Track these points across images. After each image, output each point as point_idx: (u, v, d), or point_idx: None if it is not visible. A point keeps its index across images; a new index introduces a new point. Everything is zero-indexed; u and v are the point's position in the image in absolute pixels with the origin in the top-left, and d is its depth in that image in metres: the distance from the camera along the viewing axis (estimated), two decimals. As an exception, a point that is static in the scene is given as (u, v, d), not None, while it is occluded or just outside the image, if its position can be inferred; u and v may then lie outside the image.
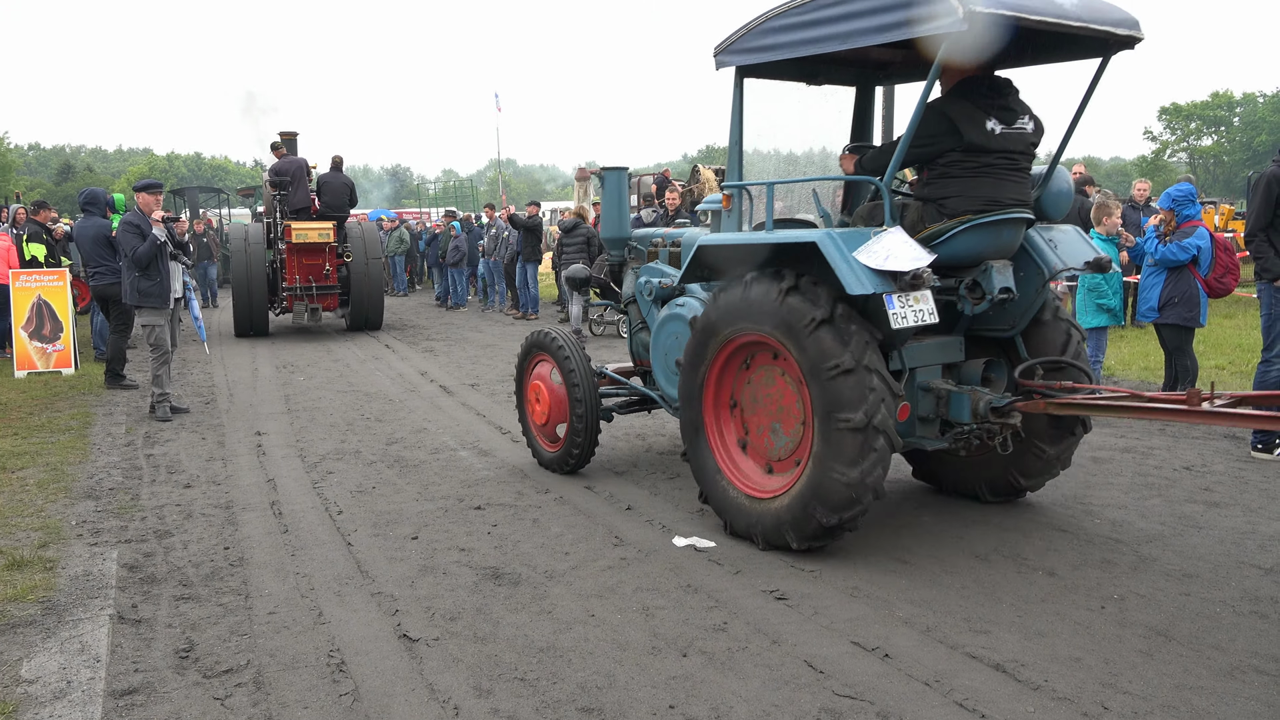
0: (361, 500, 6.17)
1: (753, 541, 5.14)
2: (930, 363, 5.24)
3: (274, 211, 15.32)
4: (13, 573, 4.88)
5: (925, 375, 5.24)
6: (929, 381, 5.22)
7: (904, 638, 4.04)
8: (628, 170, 6.70)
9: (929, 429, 5.26)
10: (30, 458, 7.27)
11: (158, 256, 8.59)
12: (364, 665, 3.88)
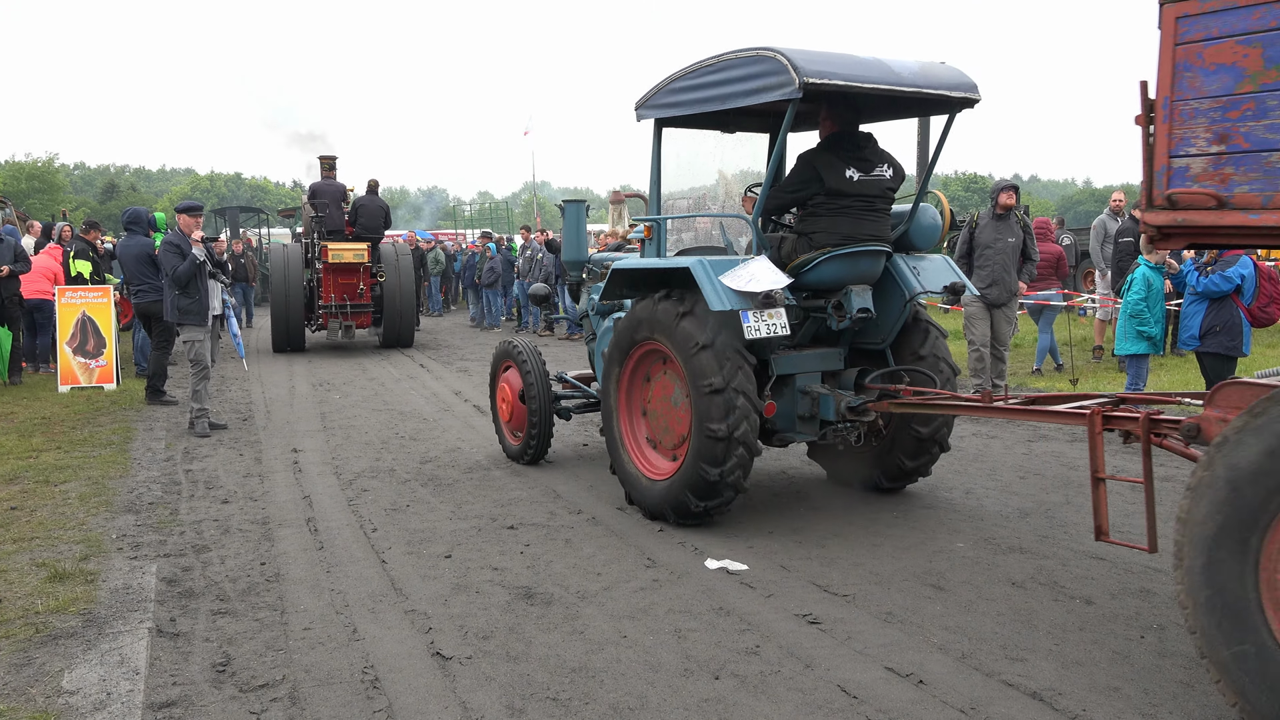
0: (395, 518, 6.21)
1: (641, 511, 6.14)
2: (811, 370, 6.16)
3: (311, 232, 15.84)
4: (55, 585, 4.96)
5: (805, 380, 6.13)
6: (807, 386, 6.10)
7: (939, 664, 4.01)
8: (585, 204, 7.85)
9: (809, 426, 6.11)
10: (73, 471, 7.40)
11: (197, 275, 8.75)
12: (397, 682, 3.90)
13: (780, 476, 7.16)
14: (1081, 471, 7.20)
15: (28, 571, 5.17)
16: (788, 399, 6.09)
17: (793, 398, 6.08)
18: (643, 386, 6.30)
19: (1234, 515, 3.19)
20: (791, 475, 7.22)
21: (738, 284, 5.47)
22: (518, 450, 7.69)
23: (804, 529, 5.89)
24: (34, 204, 58.02)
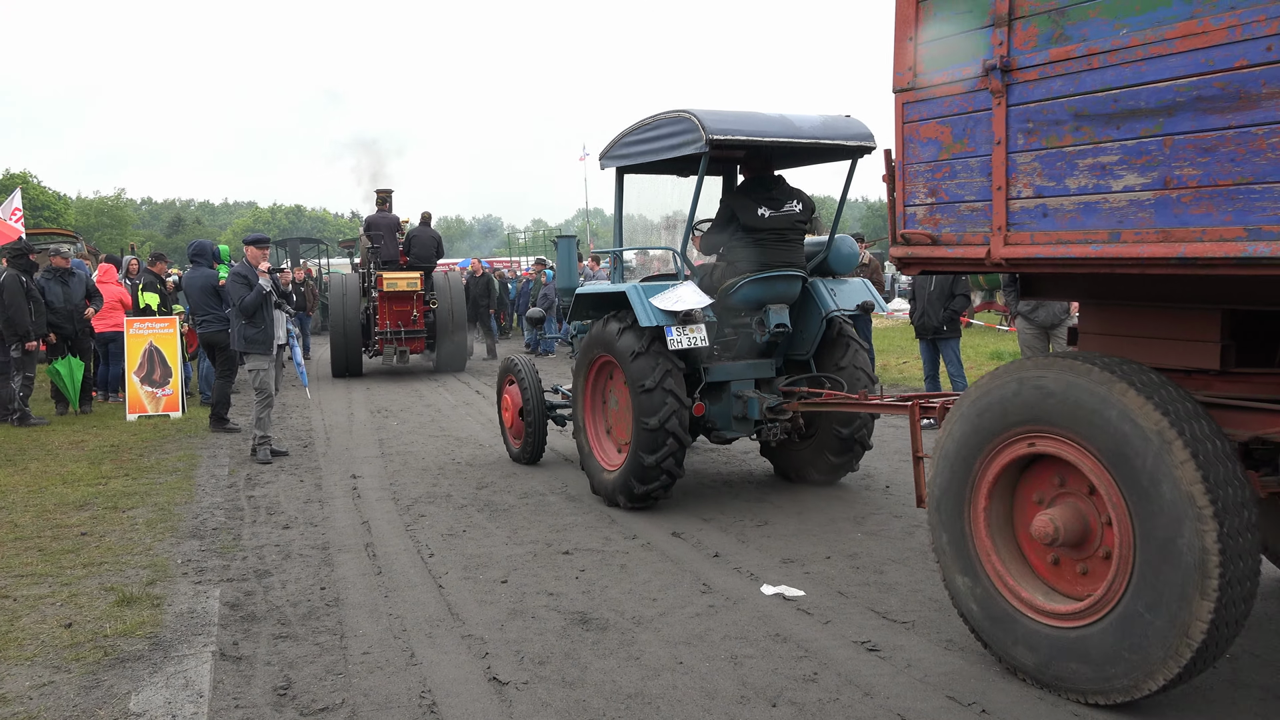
0: (452, 543, 6.26)
1: (601, 498, 7.19)
2: (744, 377, 7.22)
3: (368, 262, 16.40)
4: (123, 609, 5.08)
5: (739, 386, 7.17)
6: (739, 391, 7.15)
7: (1002, 694, 3.92)
8: (576, 239, 8.85)
9: (743, 425, 7.18)
10: (140, 498, 7.58)
11: (263, 305, 8.95)
12: (455, 707, 3.92)
13: (836, 501, 7.10)
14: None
15: (97, 595, 5.30)
16: (724, 402, 7.17)
17: (728, 401, 7.16)
18: (603, 393, 7.41)
19: (952, 478, 4.25)
20: (848, 501, 7.14)
21: (665, 304, 6.53)
22: (517, 452, 8.83)
23: (861, 555, 5.82)
24: (103, 238, 59.88)
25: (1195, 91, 3.31)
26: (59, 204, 58.84)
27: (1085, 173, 3.68)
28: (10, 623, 4.89)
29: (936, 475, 4.32)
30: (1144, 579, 3.54)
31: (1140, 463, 3.50)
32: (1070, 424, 3.74)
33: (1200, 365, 3.90)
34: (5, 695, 4.06)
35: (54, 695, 4.06)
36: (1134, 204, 3.52)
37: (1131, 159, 3.52)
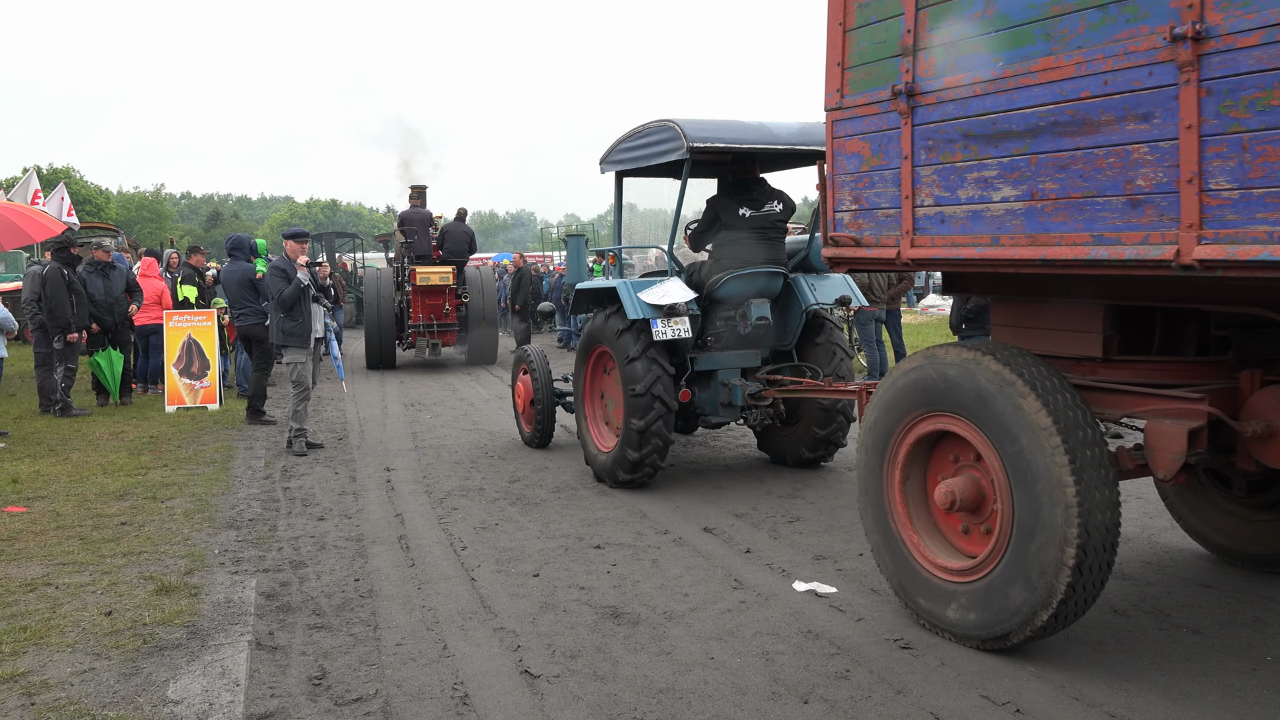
0: (485, 536, 6.30)
1: (593, 475, 7.83)
2: (730, 366, 7.72)
3: (401, 257, 16.72)
4: (161, 597, 5.15)
5: (725, 375, 7.70)
6: (726, 379, 7.67)
7: (1036, 693, 3.89)
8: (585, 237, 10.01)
9: (729, 411, 7.72)
10: (178, 488, 7.69)
11: (301, 299, 9.04)
12: (487, 699, 3.95)
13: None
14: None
15: (136, 584, 5.38)
16: (712, 390, 7.72)
17: (715, 388, 7.71)
18: (601, 381, 7.95)
19: (874, 450, 4.80)
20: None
21: (652, 298, 7.10)
22: (529, 436, 9.38)
23: (894, 552, 5.78)
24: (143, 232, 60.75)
25: (1052, 117, 3.85)
26: (100, 198, 59.77)
27: (972, 185, 4.21)
28: (52, 610, 4.98)
29: (861, 447, 4.90)
30: (1020, 539, 4.04)
31: (1016, 438, 4.01)
32: (964, 406, 4.27)
33: (1086, 353, 4.42)
34: (47, 681, 4.14)
35: (94, 682, 4.13)
36: (1009, 213, 4.07)
37: (1006, 174, 4.05)
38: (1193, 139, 3.38)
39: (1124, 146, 3.62)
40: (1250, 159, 3.25)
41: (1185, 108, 3.39)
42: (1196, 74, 3.34)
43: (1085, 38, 3.69)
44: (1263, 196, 3.23)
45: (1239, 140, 3.27)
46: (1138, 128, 3.56)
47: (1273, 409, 4.00)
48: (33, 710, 3.88)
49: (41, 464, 8.58)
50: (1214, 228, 3.37)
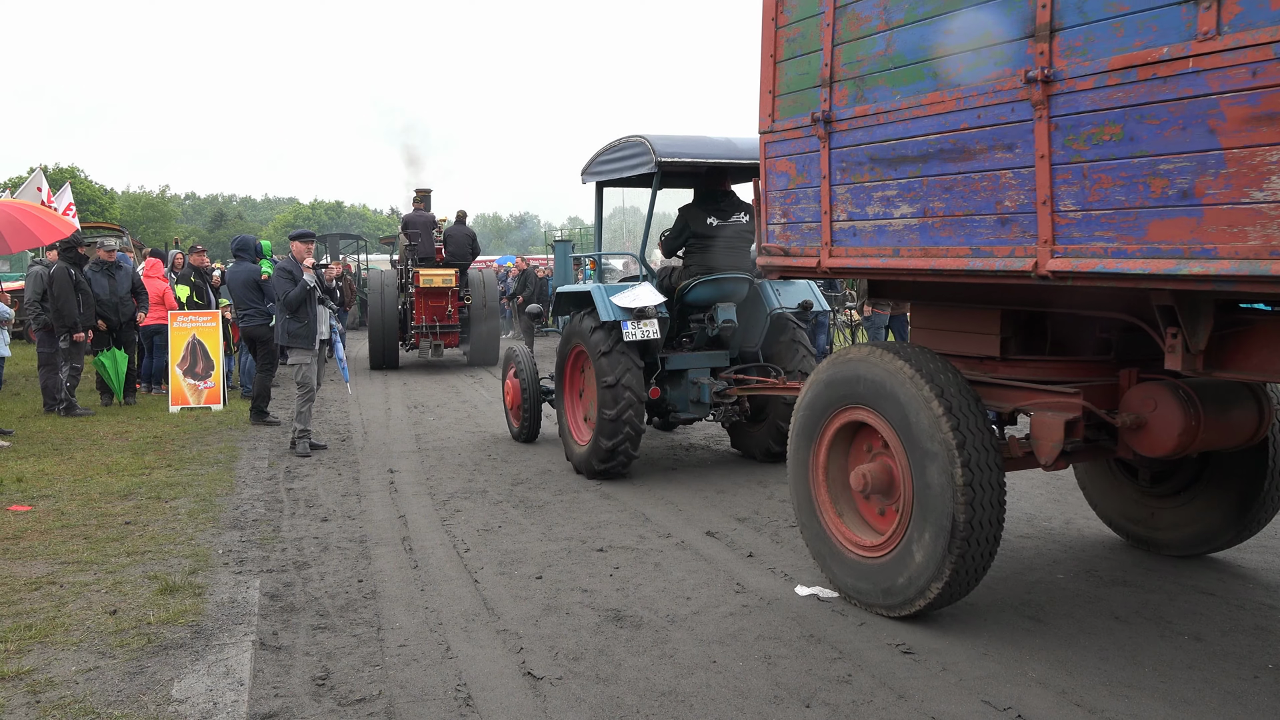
0: (488, 539, 6.31)
1: (572, 469, 8.27)
2: (700, 366, 8.21)
3: (405, 259, 17.02)
4: (166, 597, 5.17)
5: (695, 374, 8.17)
6: (696, 378, 8.16)
7: (1038, 699, 3.90)
8: (572, 243, 10.03)
9: (699, 408, 8.22)
10: (182, 488, 7.71)
11: (307, 300, 9.05)
12: (490, 701, 3.96)
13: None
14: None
15: (140, 584, 5.40)
16: (683, 388, 8.21)
17: (686, 387, 8.20)
18: (579, 378, 8.40)
19: (802, 437, 5.27)
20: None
21: (623, 302, 7.54)
22: (517, 431, 9.82)
23: (896, 557, 5.79)
24: (147, 232, 60.85)
25: (939, 145, 4.32)
26: (105, 198, 59.85)
27: (877, 203, 4.72)
28: (57, 609, 5.00)
29: (792, 433, 5.36)
30: (918, 518, 4.51)
31: (916, 427, 4.47)
32: (872, 399, 4.76)
33: (987, 353, 4.91)
34: (53, 679, 4.15)
35: (99, 680, 4.15)
36: (907, 228, 4.57)
37: (904, 194, 4.56)
38: (1045, 167, 3.88)
39: (994, 172, 4.13)
40: (1089, 185, 3.75)
41: (1039, 140, 3.89)
42: (1047, 111, 3.85)
43: (963, 76, 4.19)
44: (1099, 217, 3.73)
45: (1080, 169, 3.77)
46: (1004, 156, 4.07)
47: (1143, 403, 4.48)
48: (37, 708, 3.89)
49: (46, 463, 8.61)
50: (1064, 244, 3.87)
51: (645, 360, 7.79)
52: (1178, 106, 3.43)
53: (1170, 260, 3.50)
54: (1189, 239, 3.44)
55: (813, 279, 7.40)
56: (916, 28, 4.40)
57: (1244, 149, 3.25)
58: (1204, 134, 3.36)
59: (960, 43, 4.18)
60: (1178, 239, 3.48)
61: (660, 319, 7.68)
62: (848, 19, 4.78)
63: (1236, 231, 3.31)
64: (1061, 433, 4.40)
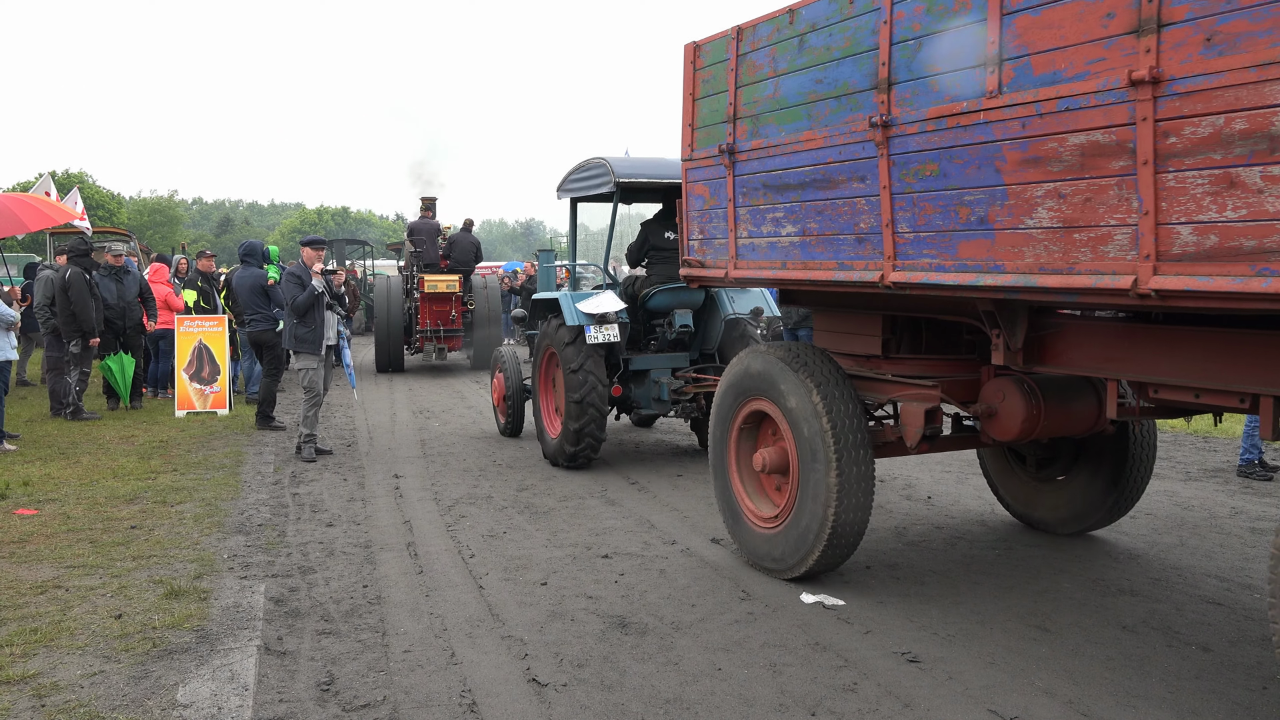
0: (493, 544, 6.31)
1: (546, 461, 8.97)
2: (662, 366, 8.89)
3: (410, 265, 17.59)
4: (171, 601, 5.17)
5: (656, 374, 8.86)
6: (657, 377, 8.85)
7: (1045, 709, 3.88)
8: (554, 252, 10.99)
9: (661, 405, 8.88)
10: (188, 493, 7.71)
11: (314, 306, 9.06)
12: (494, 707, 3.95)
13: (877, 511, 7.05)
14: (1197, 512, 6.90)
15: (146, 588, 5.40)
16: (646, 386, 8.92)
17: (648, 385, 8.89)
18: (552, 377, 9.07)
19: (717, 425, 6.05)
20: (889, 511, 7.09)
21: (587, 308, 8.25)
22: (503, 426, 10.52)
23: (902, 565, 5.78)
24: (154, 237, 61.00)
25: (813, 175, 5.06)
26: (113, 203, 60.00)
27: (769, 223, 5.49)
28: (63, 612, 5.00)
29: (711, 421, 6.12)
30: (802, 494, 5.23)
31: (800, 415, 5.20)
32: (768, 391, 5.50)
33: (871, 352, 5.66)
34: (58, 683, 4.15)
35: (104, 684, 4.15)
36: (791, 244, 5.32)
37: (789, 215, 5.31)
38: (887, 196, 4.59)
39: (852, 199, 4.83)
40: (918, 211, 4.45)
41: (882, 174, 4.60)
42: (887, 150, 4.55)
43: (829, 119, 4.89)
44: (925, 238, 4.44)
45: (911, 198, 4.47)
46: (859, 186, 4.78)
47: (994, 395, 5.20)
48: (43, 712, 3.89)
49: (52, 467, 8.62)
50: (902, 259, 4.58)
51: (610, 361, 8.59)
52: (974, 150, 4.11)
53: (973, 274, 4.20)
54: (986, 256, 4.15)
55: (722, 287, 7.95)
56: (796, 76, 5.14)
57: (1019, 185, 3.95)
58: (992, 172, 4.05)
59: (827, 90, 4.92)
60: (978, 256, 4.18)
61: (621, 324, 8.37)
62: (746, 66, 5.55)
63: (1016, 251, 4.01)
64: (922, 420, 5.06)
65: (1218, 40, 3.22)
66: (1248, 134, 3.16)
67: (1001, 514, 6.90)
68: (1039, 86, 3.80)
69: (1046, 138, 3.81)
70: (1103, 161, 3.61)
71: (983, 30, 4.01)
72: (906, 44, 4.42)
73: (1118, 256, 3.61)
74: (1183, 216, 3.38)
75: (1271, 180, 3.12)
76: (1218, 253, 3.29)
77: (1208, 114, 3.26)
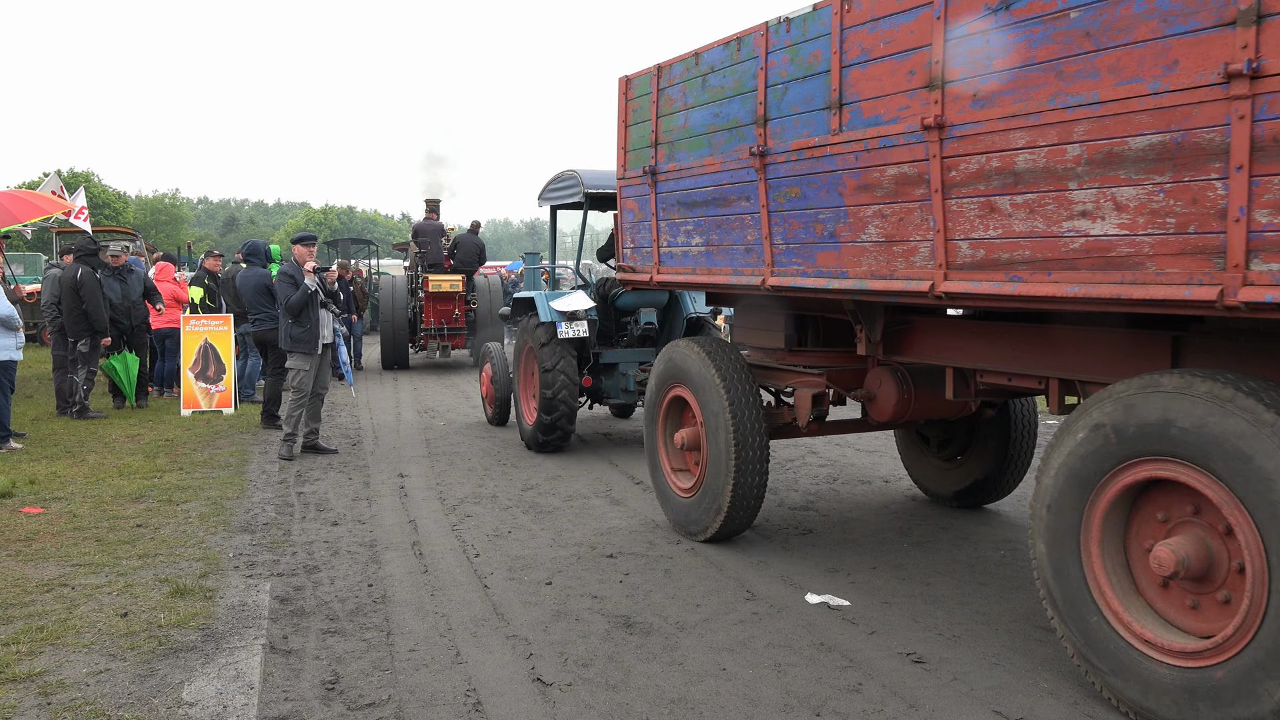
0: (498, 544, 6.31)
1: (527, 446, 9.71)
2: (630, 360, 9.66)
3: (415, 265, 18.00)
4: (176, 600, 5.18)
5: (624, 367, 9.64)
6: (624, 370, 9.61)
7: (1050, 709, 3.87)
8: (540, 254, 12.13)
9: (629, 395, 9.66)
10: (194, 492, 7.73)
11: (309, 304, 9.04)
12: (499, 706, 3.95)
13: (882, 511, 7.04)
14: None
15: (152, 586, 5.41)
16: (615, 379, 9.71)
17: (617, 378, 9.68)
18: (530, 370, 9.80)
19: (649, 409, 6.86)
20: (894, 510, 7.09)
21: (560, 306, 9.09)
22: (490, 415, 11.27)
23: (907, 565, 5.77)
24: (160, 236, 61.12)
25: (713, 195, 5.92)
26: (119, 202, 60.13)
27: (683, 235, 6.37)
28: (69, 611, 5.01)
29: (644, 406, 6.94)
30: (710, 468, 6.01)
31: (705, 400, 6.05)
32: (683, 378, 6.33)
33: (776, 346, 6.54)
34: (64, 681, 4.17)
35: (110, 683, 4.16)
36: (700, 253, 6.20)
37: (697, 229, 6.19)
38: (765, 214, 5.44)
39: (741, 215, 5.68)
40: (787, 227, 5.31)
41: (761, 195, 5.43)
42: (764, 175, 5.38)
43: (724, 148, 5.75)
44: (793, 249, 5.32)
45: (782, 216, 5.33)
46: (745, 204, 5.62)
47: (873, 382, 6.00)
48: (49, 710, 3.90)
49: (58, 465, 8.65)
50: (777, 267, 5.46)
51: (582, 354, 9.41)
52: (824, 177, 4.95)
53: (826, 279, 5.07)
54: (835, 264, 5.00)
55: (647, 289, 8.39)
56: (700, 109, 5.99)
57: (856, 206, 4.78)
58: (837, 196, 4.89)
59: (722, 123, 5.76)
60: (830, 264, 5.04)
61: (590, 321, 9.24)
62: (665, 99, 6.42)
63: (856, 260, 4.85)
64: (810, 403, 5.88)
65: (980, 96, 4.04)
66: (1000, 170, 3.98)
67: (1007, 515, 6.88)
68: (866, 127, 4.64)
69: (872, 168, 4.62)
70: (909, 189, 4.44)
71: (828, 79, 4.87)
72: (777, 87, 5.26)
73: (922, 265, 4.45)
74: (962, 234, 4.21)
75: (1016, 207, 3.94)
76: (985, 263, 4.13)
77: (975, 153, 4.08)
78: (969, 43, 4.06)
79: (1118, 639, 3.76)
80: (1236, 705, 3.32)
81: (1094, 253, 3.65)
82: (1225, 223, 3.21)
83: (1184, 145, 3.30)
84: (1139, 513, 3.83)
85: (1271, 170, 3.07)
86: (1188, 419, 3.44)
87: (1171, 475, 3.56)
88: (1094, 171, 3.59)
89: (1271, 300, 3.11)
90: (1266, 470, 3.21)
